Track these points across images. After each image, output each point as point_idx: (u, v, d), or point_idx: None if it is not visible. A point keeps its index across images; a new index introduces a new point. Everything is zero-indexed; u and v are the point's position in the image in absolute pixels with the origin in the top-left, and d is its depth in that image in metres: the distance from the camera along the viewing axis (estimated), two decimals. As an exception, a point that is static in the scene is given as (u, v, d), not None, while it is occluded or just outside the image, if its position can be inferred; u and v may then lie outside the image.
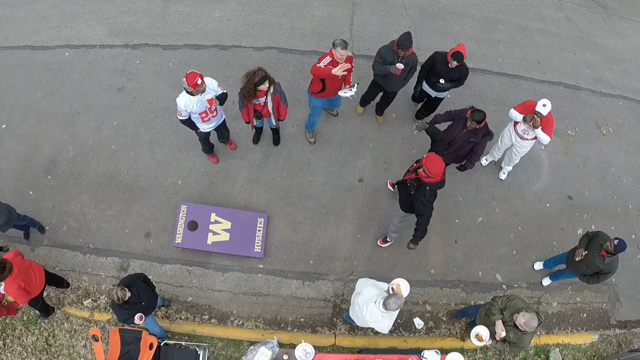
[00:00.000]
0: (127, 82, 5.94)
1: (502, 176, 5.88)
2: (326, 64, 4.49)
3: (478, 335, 4.20)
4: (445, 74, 5.02)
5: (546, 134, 4.87)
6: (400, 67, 4.70)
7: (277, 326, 5.09)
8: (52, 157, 5.63)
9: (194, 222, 5.15)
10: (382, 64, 4.81)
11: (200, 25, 6.24)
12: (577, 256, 4.55)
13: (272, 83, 4.42)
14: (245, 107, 4.64)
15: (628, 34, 7.12)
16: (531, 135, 5.04)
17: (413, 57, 4.89)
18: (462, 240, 5.56)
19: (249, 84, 4.33)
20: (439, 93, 5.38)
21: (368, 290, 3.96)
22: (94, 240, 5.33)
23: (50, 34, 6.24)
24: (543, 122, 4.83)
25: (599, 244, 4.45)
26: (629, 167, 6.23)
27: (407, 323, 5.20)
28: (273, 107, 4.66)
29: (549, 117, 4.81)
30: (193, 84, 4.20)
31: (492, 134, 4.82)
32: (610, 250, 4.33)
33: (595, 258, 4.47)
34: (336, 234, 5.38)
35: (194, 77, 4.20)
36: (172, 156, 5.60)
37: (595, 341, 5.51)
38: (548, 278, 5.49)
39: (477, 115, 4.54)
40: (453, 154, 4.94)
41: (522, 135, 5.11)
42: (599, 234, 4.56)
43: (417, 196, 4.26)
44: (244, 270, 5.23)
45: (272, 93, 4.50)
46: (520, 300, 4.08)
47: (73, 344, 5.06)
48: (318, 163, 5.62)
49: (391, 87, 5.21)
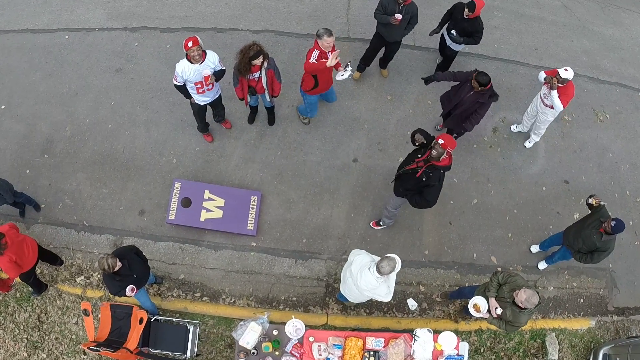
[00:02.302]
0: (125, 64, 6.00)
1: (527, 144, 5.92)
2: (316, 58, 4.45)
3: (476, 305, 4.15)
4: (459, 22, 5.21)
5: (560, 101, 4.91)
6: (399, 17, 4.89)
7: (269, 305, 5.06)
8: (49, 137, 5.68)
9: (187, 199, 5.16)
10: (383, 13, 4.98)
11: (198, 9, 6.31)
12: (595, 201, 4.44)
13: (266, 58, 4.46)
14: (239, 83, 4.68)
15: (626, 23, 7.12)
16: (549, 102, 5.05)
17: (413, 6, 5.00)
18: (456, 221, 5.53)
19: (244, 58, 4.38)
20: (452, 44, 5.52)
21: (361, 258, 3.94)
22: (88, 218, 5.34)
23: (50, 17, 6.33)
24: (561, 90, 4.88)
25: (598, 221, 4.40)
26: (627, 154, 6.19)
27: (401, 304, 5.16)
28: (267, 82, 4.68)
29: (568, 87, 4.86)
30: (184, 45, 4.26)
31: (498, 96, 4.84)
32: (608, 230, 4.28)
33: (593, 234, 4.42)
34: (330, 213, 5.36)
35: (188, 40, 4.26)
36: (168, 135, 5.63)
37: (592, 327, 5.44)
38: (544, 262, 5.44)
39: (482, 78, 4.56)
40: (459, 117, 4.97)
41: (543, 99, 5.15)
42: (601, 209, 4.49)
43: (429, 181, 4.23)
44: (236, 248, 5.22)
45: (266, 68, 4.54)
46: (521, 278, 4.03)
47: (65, 321, 5.06)
48: (312, 143, 5.63)
49: (392, 37, 5.29)
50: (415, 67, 6.18)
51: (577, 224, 4.72)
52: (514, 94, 6.26)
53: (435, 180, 4.21)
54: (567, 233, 4.77)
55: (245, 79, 4.60)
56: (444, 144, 4.03)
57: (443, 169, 4.21)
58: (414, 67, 6.18)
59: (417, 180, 4.28)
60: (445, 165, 4.20)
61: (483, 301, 4.15)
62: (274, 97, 5.06)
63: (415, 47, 6.30)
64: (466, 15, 5.10)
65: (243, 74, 4.51)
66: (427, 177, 4.22)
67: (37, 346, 4.99)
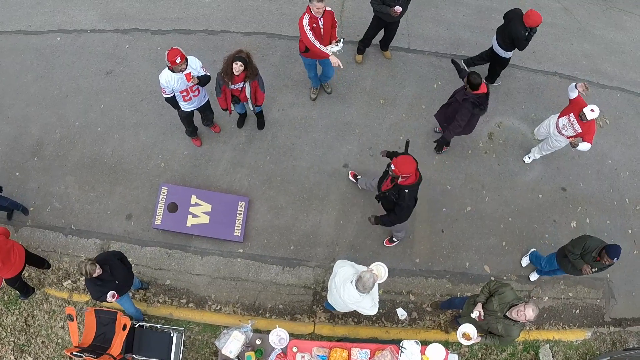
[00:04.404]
0: (115, 66, 5.96)
1: (526, 159, 5.73)
2: (308, 22, 4.56)
3: (465, 334, 4.01)
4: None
5: (587, 143, 4.74)
6: (399, 10, 4.91)
7: (255, 312, 4.99)
8: (39, 139, 5.65)
9: (174, 204, 5.10)
10: (381, 3, 4.95)
11: (190, 11, 6.24)
12: (587, 273, 4.36)
13: (249, 69, 4.39)
14: (222, 93, 4.63)
15: (628, 26, 6.93)
16: (568, 133, 4.86)
17: None
18: (449, 229, 5.40)
19: (227, 62, 4.36)
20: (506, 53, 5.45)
21: (344, 271, 3.86)
22: (76, 222, 5.30)
23: (43, 19, 6.30)
24: (584, 129, 4.69)
25: (591, 256, 4.28)
26: (627, 160, 6.03)
27: (390, 313, 5.05)
28: (250, 92, 4.63)
29: (591, 123, 4.66)
30: (171, 61, 4.19)
31: (484, 109, 4.70)
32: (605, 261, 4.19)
33: (595, 265, 4.32)
34: (318, 220, 5.27)
35: (174, 54, 4.18)
36: (157, 139, 5.58)
37: (588, 338, 5.30)
38: (535, 273, 5.29)
39: (473, 78, 4.46)
40: (443, 110, 4.92)
41: (560, 129, 4.93)
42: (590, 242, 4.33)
43: (399, 201, 4.17)
44: (223, 254, 5.14)
45: (250, 79, 4.50)
46: (511, 291, 3.87)
47: (51, 325, 5.03)
48: (302, 147, 5.54)
49: (391, 17, 5.21)
50: (409, 71, 6.06)
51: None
52: (511, 98, 6.11)
53: (402, 200, 4.14)
54: (561, 258, 4.59)
55: (228, 88, 4.55)
56: (395, 170, 3.97)
57: (408, 188, 4.10)
58: (408, 70, 6.06)
59: (391, 201, 4.26)
60: (409, 185, 4.09)
61: (472, 328, 4.03)
62: (258, 106, 4.99)
63: (409, 50, 6.18)
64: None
65: (226, 83, 4.47)
66: (396, 198, 4.18)
67: (23, 349, 4.97)
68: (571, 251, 4.41)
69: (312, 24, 4.57)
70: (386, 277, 4.24)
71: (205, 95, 4.89)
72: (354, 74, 5.95)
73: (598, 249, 4.24)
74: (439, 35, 6.31)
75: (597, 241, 4.33)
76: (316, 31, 4.63)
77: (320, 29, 4.64)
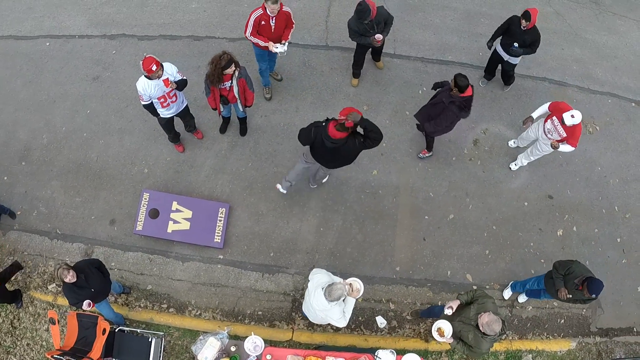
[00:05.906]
0: (102, 72, 6.01)
1: (512, 166, 5.67)
2: (257, 17, 4.69)
3: (440, 329, 4.00)
4: (519, 36, 5.10)
5: (570, 145, 4.70)
6: (379, 38, 4.96)
7: (234, 318, 5.01)
8: (27, 144, 5.72)
9: (155, 210, 5.13)
10: (360, 35, 4.98)
11: (176, 17, 6.27)
12: (562, 297, 4.29)
13: (238, 67, 4.47)
14: (211, 93, 4.66)
15: (621, 30, 6.79)
16: (554, 137, 4.81)
17: (381, 13, 4.92)
18: (431, 237, 5.37)
19: (216, 69, 4.36)
20: (511, 58, 5.41)
21: (318, 277, 3.86)
22: (61, 226, 5.37)
23: (33, 24, 6.37)
24: (568, 132, 4.63)
25: (574, 283, 4.20)
26: (616, 167, 5.92)
27: (369, 321, 5.04)
28: (239, 91, 4.65)
29: (576, 128, 4.60)
30: (147, 69, 4.21)
31: (467, 112, 4.67)
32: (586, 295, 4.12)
33: (575, 294, 4.25)
34: (299, 227, 5.27)
35: (149, 62, 4.20)
36: (141, 144, 5.62)
37: (572, 349, 5.23)
38: (524, 295, 5.18)
39: (460, 79, 4.43)
40: (426, 110, 4.91)
41: (546, 132, 4.89)
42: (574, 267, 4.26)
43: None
44: (204, 260, 5.17)
45: (237, 77, 4.51)
46: (492, 304, 3.84)
47: (36, 327, 5.11)
48: (284, 154, 5.54)
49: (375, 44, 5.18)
50: (394, 77, 6.02)
51: None
52: (498, 104, 6.04)
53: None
54: (550, 287, 4.50)
55: (216, 88, 4.56)
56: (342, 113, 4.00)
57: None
58: (392, 76, 6.02)
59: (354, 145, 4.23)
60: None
61: (448, 325, 4.00)
62: (247, 107, 4.99)
63: (395, 55, 6.13)
64: (524, 27, 4.98)
65: (215, 84, 4.49)
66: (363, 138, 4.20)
67: (9, 351, 5.06)
68: (556, 268, 4.34)
69: (260, 21, 4.70)
70: (360, 295, 4.16)
71: (184, 100, 4.91)
72: (337, 80, 5.93)
73: (582, 278, 4.14)
74: (426, 40, 6.25)
75: (583, 269, 4.24)
76: (265, 28, 4.76)
77: (270, 27, 4.77)
